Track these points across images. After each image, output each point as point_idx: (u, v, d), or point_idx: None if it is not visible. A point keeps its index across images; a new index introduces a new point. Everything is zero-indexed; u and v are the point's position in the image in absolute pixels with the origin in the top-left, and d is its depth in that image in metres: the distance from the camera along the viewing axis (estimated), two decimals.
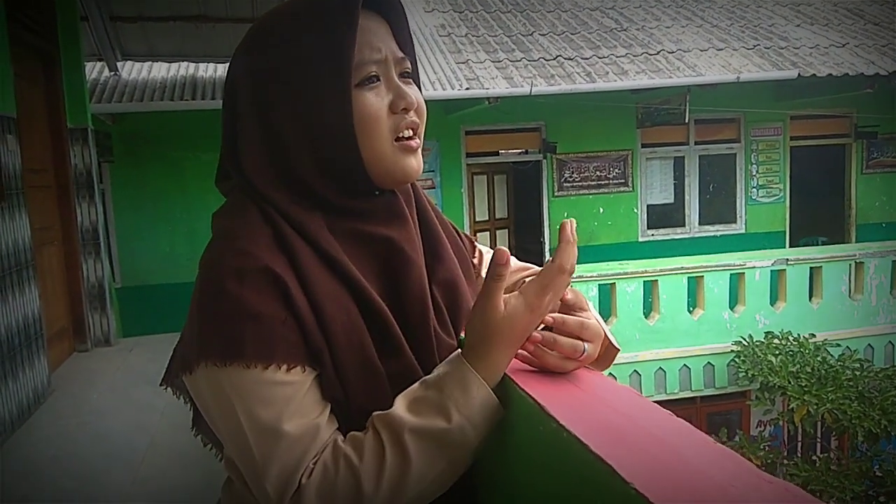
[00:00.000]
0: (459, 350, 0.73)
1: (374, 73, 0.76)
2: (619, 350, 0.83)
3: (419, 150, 0.81)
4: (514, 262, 1.00)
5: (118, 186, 7.28)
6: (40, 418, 3.51)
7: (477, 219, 8.44)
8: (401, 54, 0.80)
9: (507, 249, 0.72)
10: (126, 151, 7.15)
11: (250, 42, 0.80)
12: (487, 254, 1.02)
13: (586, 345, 0.75)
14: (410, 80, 0.81)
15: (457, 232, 0.98)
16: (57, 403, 3.71)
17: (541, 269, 0.99)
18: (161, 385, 0.82)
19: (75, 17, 4.69)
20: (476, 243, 1.03)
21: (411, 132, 0.79)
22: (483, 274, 0.97)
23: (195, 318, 0.72)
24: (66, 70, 4.58)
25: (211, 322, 0.70)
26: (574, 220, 0.72)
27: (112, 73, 6.89)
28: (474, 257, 1.00)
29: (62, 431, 3.34)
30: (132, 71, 7.28)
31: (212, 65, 7.21)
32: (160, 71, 7.31)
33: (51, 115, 4.50)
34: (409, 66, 0.81)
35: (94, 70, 6.98)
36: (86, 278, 4.78)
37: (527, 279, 0.96)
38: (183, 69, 7.29)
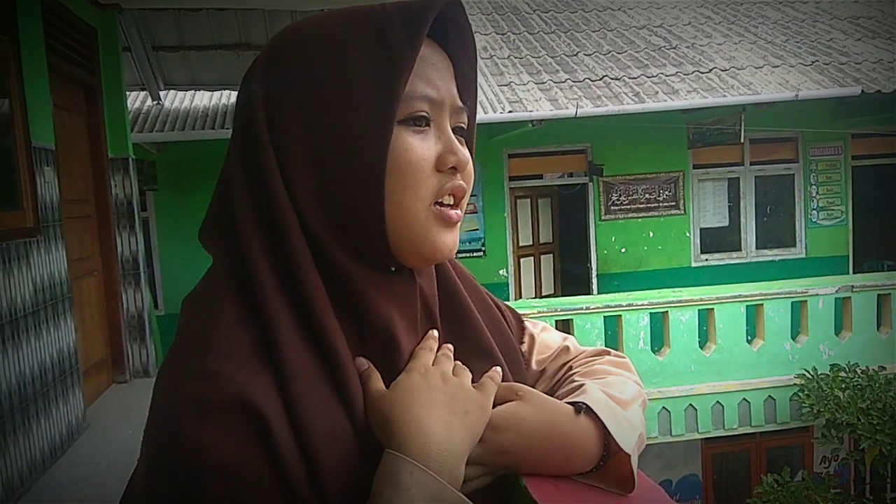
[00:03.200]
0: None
1: (424, 113, 0.60)
2: (628, 455, 0.63)
3: (458, 227, 0.63)
4: (572, 345, 0.81)
5: (162, 214, 7.33)
6: (73, 456, 3.43)
7: (520, 243, 8.24)
8: (460, 104, 0.64)
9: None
10: (170, 180, 7.19)
11: (272, 55, 0.61)
12: (545, 335, 0.82)
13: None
14: (463, 140, 0.64)
15: (500, 311, 0.78)
16: (92, 439, 3.63)
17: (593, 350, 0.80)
18: None
19: (117, 47, 4.69)
20: (527, 324, 0.82)
21: (453, 200, 0.62)
22: (535, 365, 0.78)
23: (143, 459, 0.54)
24: (107, 100, 4.58)
25: (160, 474, 0.52)
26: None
27: (155, 102, 6.96)
28: (523, 341, 0.79)
29: (94, 471, 3.24)
30: (175, 100, 7.34)
31: None
32: (202, 100, 7.37)
33: (92, 145, 4.49)
34: (465, 121, 0.65)
35: (136, 100, 7.06)
36: (125, 309, 4.74)
37: (573, 365, 0.77)
38: (225, 97, 7.33)
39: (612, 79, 7.35)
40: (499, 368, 0.66)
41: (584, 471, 0.64)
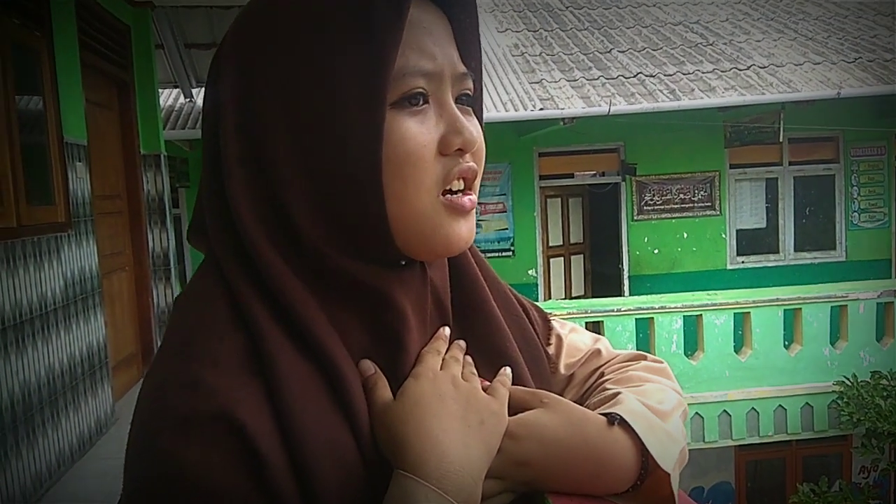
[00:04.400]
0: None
1: (420, 90, 0.51)
2: (667, 475, 0.57)
3: (473, 212, 0.55)
4: (604, 348, 0.73)
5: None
6: (101, 449, 3.45)
7: (550, 243, 8.13)
8: (462, 69, 0.55)
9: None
10: None
11: (240, 35, 0.53)
12: (574, 336, 0.74)
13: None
14: (470, 110, 0.56)
15: (524, 308, 0.71)
16: (119, 433, 3.65)
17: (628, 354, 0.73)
18: None
19: (150, 44, 4.73)
20: (554, 324, 0.74)
21: (464, 184, 0.54)
22: (563, 369, 0.71)
23: (126, 476, 0.48)
24: (139, 97, 4.61)
25: (139, 494, 0.46)
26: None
27: (187, 99, 7.02)
28: (550, 343, 0.72)
29: (121, 465, 3.26)
30: None
31: None
32: None
33: (124, 141, 4.53)
34: (471, 87, 0.56)
35: (169, 97, 7.12)
36: (156, 304, 4.78)
37: (606, 371, 0.70)
38: None
39: (646, 76, 7.21)
40: (509, 369, 0.60)
41: (619, 490, 0.57)
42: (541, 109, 6.58)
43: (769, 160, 7.99)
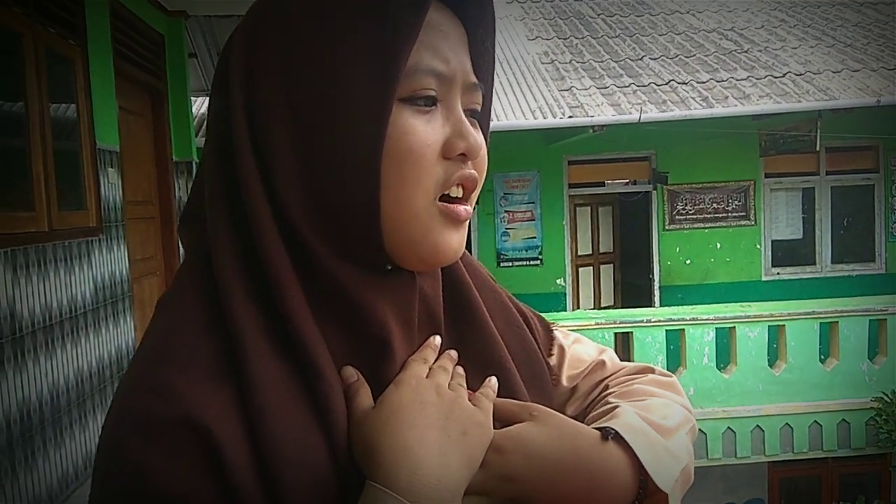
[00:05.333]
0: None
1: (431, 92, 0.51)
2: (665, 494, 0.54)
3: (465, 225, 0.54)
4: (609, 360, 0.70)
5: None
6: None
7: (579, 252, 8.06)
8: (474, 79, 0.54)
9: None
10: None
11: (254, 19, 0.53)
12: (577, 347, 0.71)
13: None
14: (476, 123, 0.55)
15: (524, 316, 0.68)
16: None
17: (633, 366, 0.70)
18: None
19: (183, 53, 4.80)
20: (556, 334, 0.71)
21: (462, 192, 0.53)
22: (566, 381, 0.68)
23: (93, 479, 0.48)
24: (172, 105, 4.68)
25: (104, 501, 0.46)
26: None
27: None
28: (552, 353, 0.69)
29: None
30: None
31: None
32: None
33: (157, 148, 4.60)
34: (480, 101, 0.56)
35: (202, 105, 7.23)
36: None
37: (610, 384, 0.67)
38: None
39: (678, 83, 7.12)
40: (494, 379, 0.57)
41: None
42: (570, 117, 6.53)
43: (806, 169, 7.82)
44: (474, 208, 0.57)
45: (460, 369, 0.56)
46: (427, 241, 0.52)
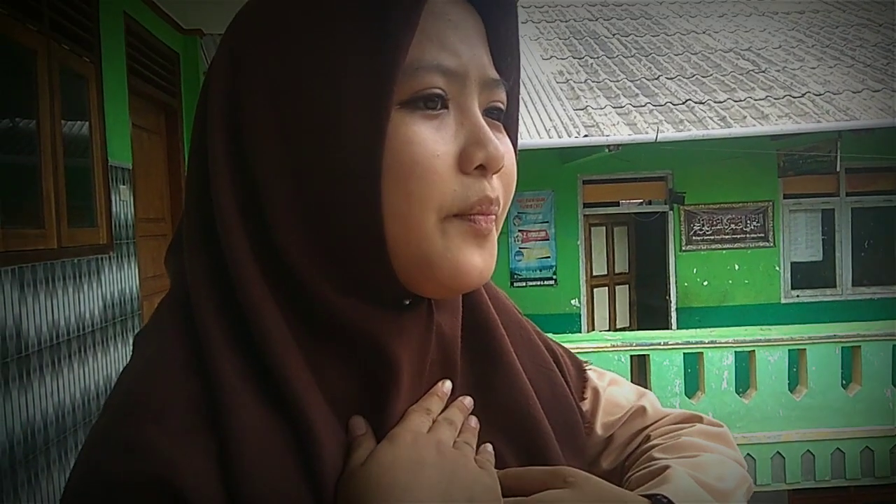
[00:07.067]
0: None
1: (437, 91, 0.43)
2: None
3: (493, 239, 0.46)
4: (650, 405, 0.62)
5: None
6: None
7: (594, 273, 7.96)
8: (494, 74, 0.47)
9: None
10: None
11: (243, 16, 0.47)
12: (613, 389, 0.63)
13: None
14: (500, 126, 0.48)
15: (554, 354, 0.60)
16: None
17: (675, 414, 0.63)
18: None
19: (199, 71, 4.82)
20: (590, 374, 0.63)
21: (482, 209, 0.45)
22: (600, 429, 0.60)
23: None
24: (187, 122, 4.69)
25: None
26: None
27: None
28: (584, 397, 0.61)
29: None
30: None
31: None
32: None
33: (170, 165, 4.60)
34: (503, 99, 0.48)
35: None
36: None
37: (652, 434, 0.59)
38: None
39: (695, 103, 7.06)
40: (490, 446, 0.49)
41: None
42: (585, 136, 6.48)
43: (825, 190, 7.71)
44: None
45: (473, 422, 0.49)
46: (445, 261, 0.44)
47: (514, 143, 0.49)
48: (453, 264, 0.44)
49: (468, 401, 0.50)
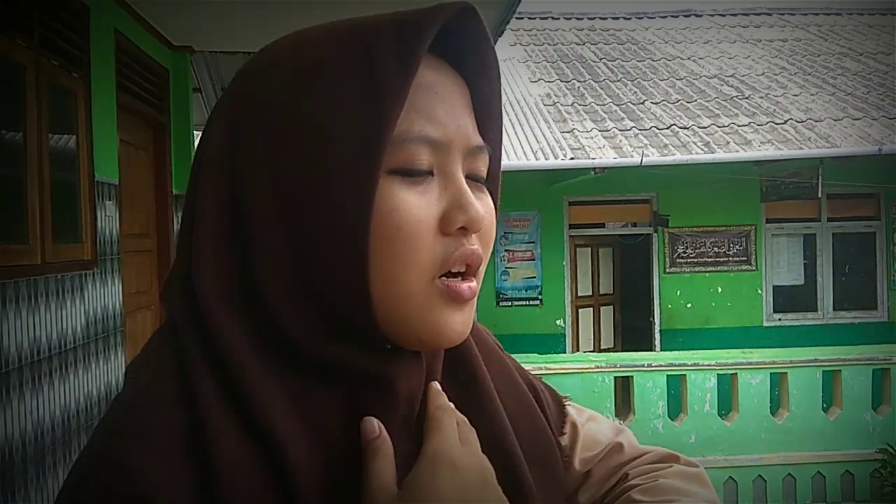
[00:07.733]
0: None
1: (422, 164, 0.46)
2: None
3: (473, 301, 0.49)
4: (627, 442, 0.64)
5: None
6: None
7: (579, 293, 8.00)
8: (478, 141, 0.49)
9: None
10: None
11: (240, 81, 0.50)
12: (592, 425, 0.65)
13: None
14: (483, 187, 0.50)
15: (535, 394, 0.62)
16: None
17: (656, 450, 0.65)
18: None
19: (188, 88, 4.82)
20: (569, 409, 0.65)
21: (464, 268, 0.48)
22: (578, 464, 0.62)
23: None
24: (175, 139, 4.69)
25: None
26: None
27: None
28: (564, 432, 0.63)
29: None
30: None
31: None
32: None
33: (157, 181, 4.58)
34: (486, 162, 0.51)
35: None
36: None
37: (630, 473, 0.61)
38: None
39: (680, 128, 7.16)
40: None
41: None
42: (571, 159, 6.55)
43: (807, 215, 7.83)
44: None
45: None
46: (426, 322, 0.47)
47: (495, 200, 0.52)
48: (434, 327, 0.47)
49: (435, 386, 0.52)
